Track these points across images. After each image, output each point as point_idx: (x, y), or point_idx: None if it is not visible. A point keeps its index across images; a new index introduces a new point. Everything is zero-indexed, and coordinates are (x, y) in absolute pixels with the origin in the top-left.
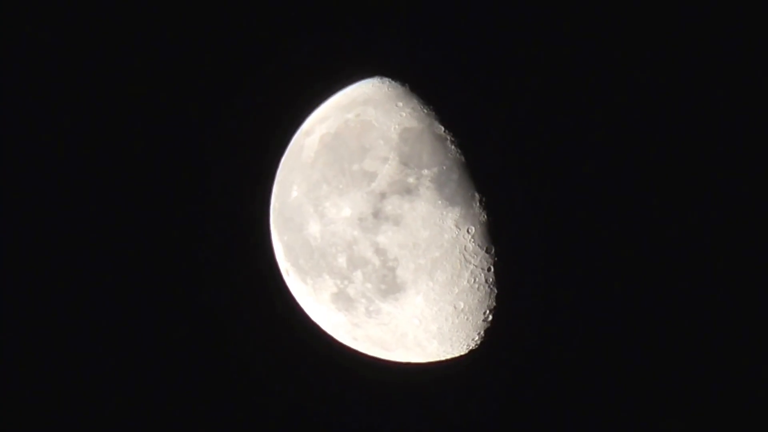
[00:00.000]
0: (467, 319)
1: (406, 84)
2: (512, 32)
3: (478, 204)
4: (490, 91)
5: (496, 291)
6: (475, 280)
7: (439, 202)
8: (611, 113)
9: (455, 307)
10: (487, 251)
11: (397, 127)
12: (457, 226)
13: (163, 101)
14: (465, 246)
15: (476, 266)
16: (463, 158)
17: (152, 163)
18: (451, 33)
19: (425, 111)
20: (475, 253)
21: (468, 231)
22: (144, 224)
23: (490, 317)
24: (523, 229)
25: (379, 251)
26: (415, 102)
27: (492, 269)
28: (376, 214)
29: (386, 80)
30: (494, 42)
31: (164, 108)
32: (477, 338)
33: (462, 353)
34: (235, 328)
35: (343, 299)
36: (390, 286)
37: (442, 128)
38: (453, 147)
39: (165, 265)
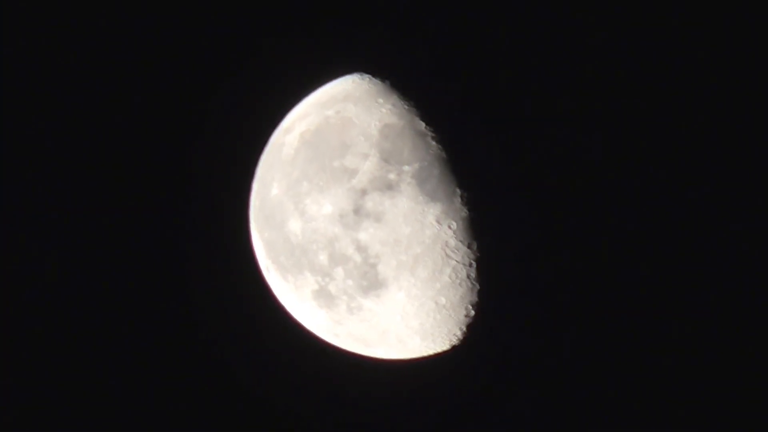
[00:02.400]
0: (449, 314)
1: (387, 80)
2: (493, 27)
3: (459, 200)
4: (471, 87)
5: (477, 287)
6: (456, 275)
7: (421, 198)
8: (595, 107)
9: (437, 303)
10: (468, 247)
11: (377, 123)
12: (438, 222)
13: (143, 99)
14: (446, 242)
15: (458, 262)
16: (444, 154)
17: (131, 161)
18: (431, 29)
19: (406, 107)
20: (456, 249)
21: (449, 227)
22: (123, 221)
23: (473, 313)
24: (504, 225)
25: (360, 248)
26: (395, 98)
27: (474, 265)
28: (357, 211)
29: (366, 77)
30: (475, 37)
31: (144, 106)
32: (459, 334)
33: (444, 349)
34: (215, 325)
35: (324, 296)
36: (371, 282)
37: (423, 124)
38: (434, 143)
39: (144, 262)
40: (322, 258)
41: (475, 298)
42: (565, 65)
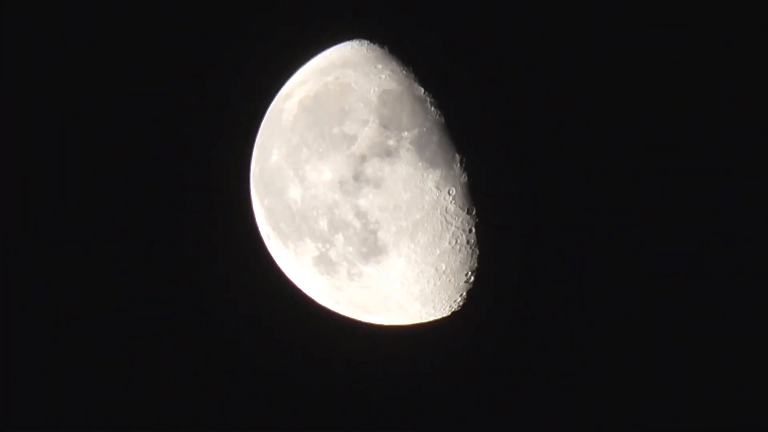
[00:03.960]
0: (449, 280)
1: (385, 46)
2: None
3: (458, 165)
4: (470, 52)
5: (477, 252)
6: (456, 241)
7: (420, 164)
8: (594, 75)
9: (437, 269)
10: (468, 212)
11: (376, 89)
12: (437, 188)
13: (141, 67)
14: (446, 207)
15: (458, 228)
16: (443, 120)
17: (131, 130)
18: None
19: (404, 73)
20: (456, 215)
21: (449, 192)
22: (123, 191)
23: (472, 278)
24: (504, 190)
25: (360, 214)
26: (394, 64)
27: (473, 230)
28: (357, 177)
29: (365, 42)
30: (475, 2)
31: (142, 74)
32: (459, 299)
33: (445, 315)
34: (216, 293)
35: (324, 263)
36: (371, 248)
37: (422, 90)
38: (433, 108)
39: (144, 230)
40: (322, 224)
41: (475, 264)
42: (567, 29)
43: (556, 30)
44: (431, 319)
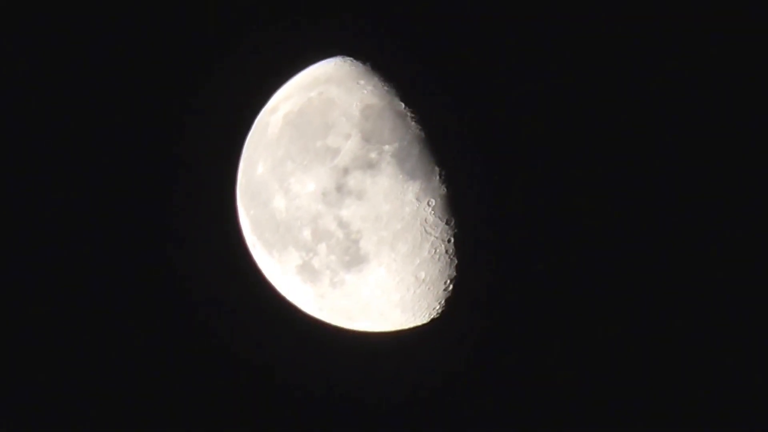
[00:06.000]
0: (429, 288)
1: (368, 63)
2: (471, 9)
3: (438, 177)
4: (449, 68)
5: (456, 261)
6: (435, 251)
7: (400, 176)
8: (571, 84)
9: (417, 278)
10: (447, 223)
11: (358, 104)
12: (417, 199)
13: (130, 80)
14: (426, 218)
15: (437, 237)
16: (423, 134)
17: (119, 143)
18: (411, 12)
19: (386, 88)
20: (435, 225)
21: (428, 204)
22: (111, 201)
23: (451, 287)
24: (481, 201)
25: (343, 224)
26: (376, 80)
27: (452, 240)
28: (340, 189)
29: (348, 59)
30: (453, 19)
31: (131, 88)
32: (438, 307)
33: (424, 322)
34: (202, 301)
35: (308, 271)
36: (353, 257)
37: (403, 105)
38: (413, 123)
39: (131, 240)
40: (306, 234)
41: (453, 273)
42: (544, 47)
43: (532, 48)
44: (411, 325)
